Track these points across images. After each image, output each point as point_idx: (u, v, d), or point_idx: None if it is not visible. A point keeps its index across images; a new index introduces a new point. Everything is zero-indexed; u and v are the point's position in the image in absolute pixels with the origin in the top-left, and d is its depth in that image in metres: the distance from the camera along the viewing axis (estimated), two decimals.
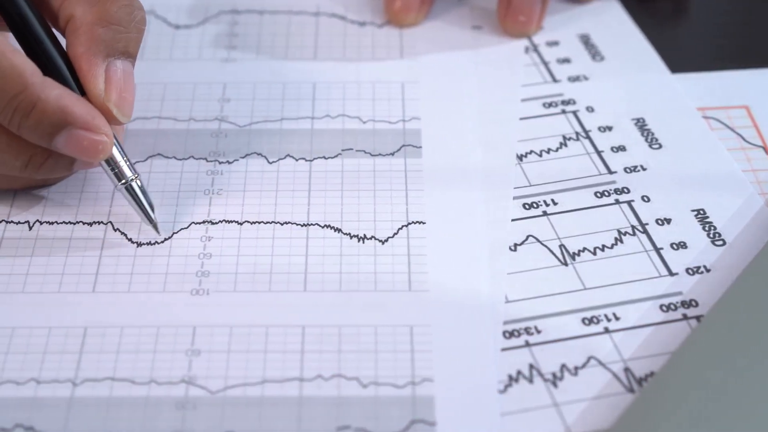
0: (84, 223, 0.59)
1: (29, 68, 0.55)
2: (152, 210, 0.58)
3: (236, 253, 0.58)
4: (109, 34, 0.57)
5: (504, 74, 0.68)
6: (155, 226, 0.58)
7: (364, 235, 0.58)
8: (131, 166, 0.58)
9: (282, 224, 0.59)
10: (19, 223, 0.59)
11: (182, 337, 0.54)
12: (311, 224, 0.59)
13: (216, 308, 0.55)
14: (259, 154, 0.63)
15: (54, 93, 0.55)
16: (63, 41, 0.58)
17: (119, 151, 0.57)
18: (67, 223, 0.59)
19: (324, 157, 0.63)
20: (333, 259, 0.57)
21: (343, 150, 0.63)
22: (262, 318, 0.55)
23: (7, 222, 0.59)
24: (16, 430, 0.50)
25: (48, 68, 0.57)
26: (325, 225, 0.59)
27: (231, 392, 0.52)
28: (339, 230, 0.59)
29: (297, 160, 0.62)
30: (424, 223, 0.59)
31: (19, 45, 0.57)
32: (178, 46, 0.70)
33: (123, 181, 0.58)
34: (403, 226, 0.59)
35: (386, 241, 0.58)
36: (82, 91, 0.57)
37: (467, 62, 0.69)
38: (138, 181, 0.58)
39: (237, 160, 0.62)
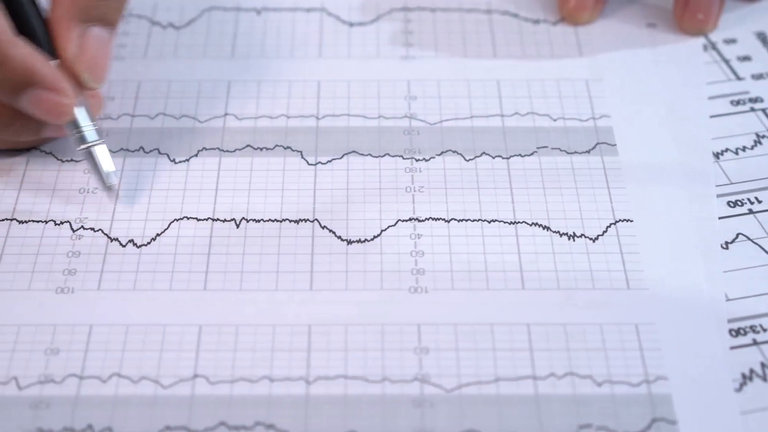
0: (290, 221, 0.59)
1: (0, 26, 0.56)
2: (110, 177, 0.58)
3: (448, 251, 0.57)
4: (88, 1, 0.58)
5: (686, 72, 0.67)
6: (110, 193, 0.59)
7: (574, 233, 0.58)
8: (98, 132, 0.58)
9: (489, 222, 0.59)
10: (225, 221, 0.59)
11: (408, 335, 0.54)
12: (519, 222, 0.59)
13: (437, 306, 0.55)
14: (454, 152, 0.62)
15: (21, 52, 0.56)
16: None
17: (86, 116, 0.58)
18: (273, 221, 0.59)
19: (520, 155, 0.62)
20: (546, 257, 0.57)
21: (538, 148, 0.63)
22: (485, 316, 0.54)
23: (213, 220, 0.59)
24: (257, 428, 0.50)
25: (23, 28, 0.58)
26: (533, 223, 0.59)
27: (466, 390, 0.52)
28: (547, 228, 0.58)
29: (493, 157, 0.62)
30: (631, 221, 0.59)
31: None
32: (354, 43, 0.69)
33: (84, 145, 0.58)
34: (611, 224, 0.58)
35: (597, 239, 0.58)
36: (56, 55, 0.58)
37: (647, 60, 0.68)
38: (100, 147, 0.58)
39: (433, 157, 0.62)
